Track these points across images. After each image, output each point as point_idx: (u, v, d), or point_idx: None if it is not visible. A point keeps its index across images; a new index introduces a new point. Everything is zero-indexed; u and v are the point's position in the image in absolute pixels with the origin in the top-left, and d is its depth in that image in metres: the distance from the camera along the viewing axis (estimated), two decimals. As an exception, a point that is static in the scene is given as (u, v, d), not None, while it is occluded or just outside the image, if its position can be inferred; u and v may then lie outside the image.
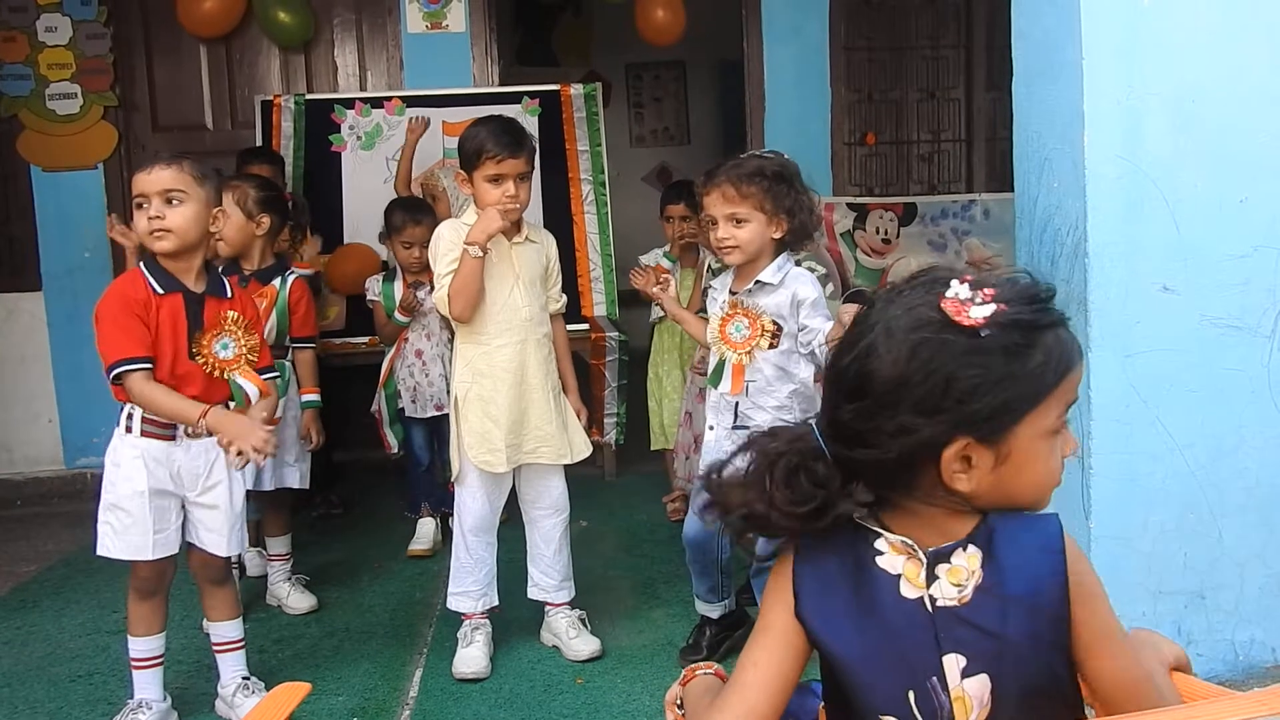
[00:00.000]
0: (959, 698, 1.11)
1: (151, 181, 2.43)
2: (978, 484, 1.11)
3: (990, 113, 5.50)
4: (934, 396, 1.08)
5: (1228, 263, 2.49)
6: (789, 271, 2.66)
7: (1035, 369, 1.08)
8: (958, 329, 1.08)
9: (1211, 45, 2.46)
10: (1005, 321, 1.07)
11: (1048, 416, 1.10)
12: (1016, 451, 1.10)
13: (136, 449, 2.49)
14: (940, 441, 1.09)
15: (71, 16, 5.04)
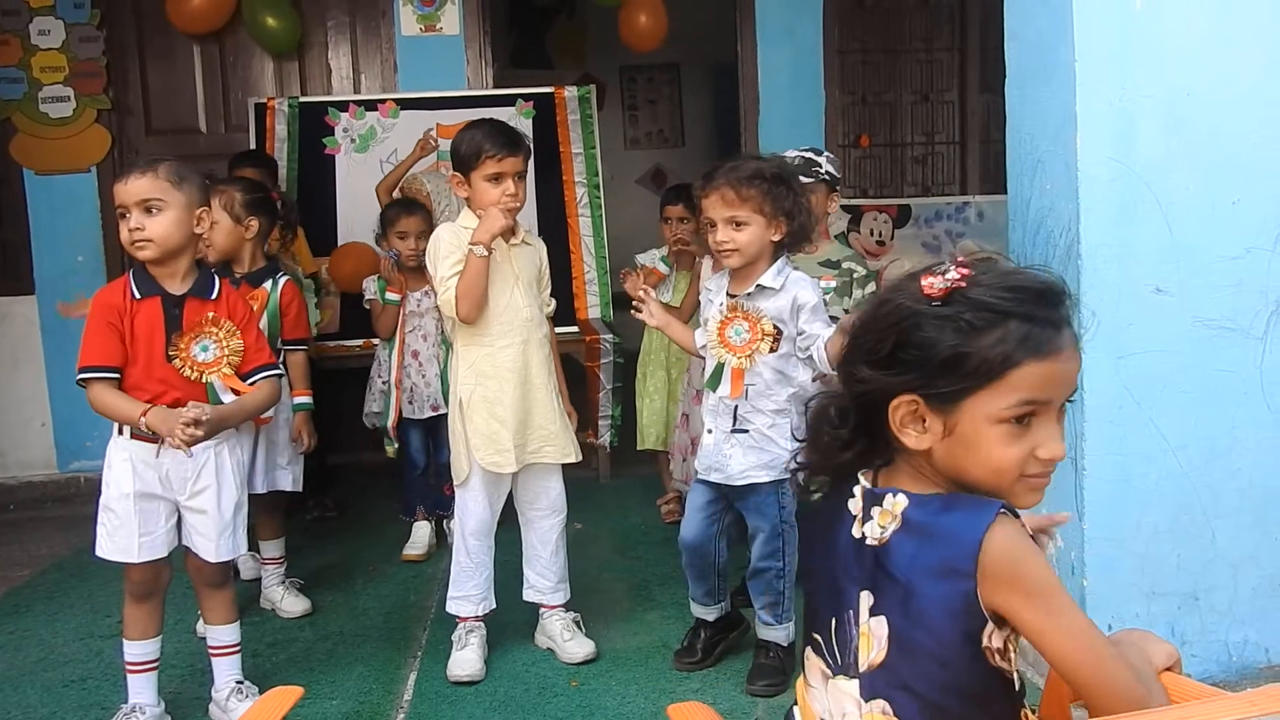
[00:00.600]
0: (864, 634, 1.22)
1: (129, 192, 2.43)
2: (928, 446, 1.20)
3: (984, 115, 5.51)
4: (885, 349, 1.20)
5: (1220, 264, 2.49)
6: (789, 275, 2.66)
7: (985, 350, 1.15)
8: (924, 297, 1.18)
9: (1203, 48, 2.47)
10: (969, 299, 1.16)
11: (995, 402, 1.15)
12: (964, 427, 1.17)
13: (125, 452, 2.49)
14: (889, 393, 1.20)
15: (64, 19, 5.04)
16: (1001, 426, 1.16)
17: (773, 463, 2.65)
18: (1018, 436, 1.17)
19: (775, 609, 2.74)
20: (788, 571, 2.73)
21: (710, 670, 2.86)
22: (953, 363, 1.15)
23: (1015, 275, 1.20)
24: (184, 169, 2.50)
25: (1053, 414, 1.19)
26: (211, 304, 2.54)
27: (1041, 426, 1.18)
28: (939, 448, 1.20)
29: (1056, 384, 1.17)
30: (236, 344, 2.55)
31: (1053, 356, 1.16)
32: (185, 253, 2.50)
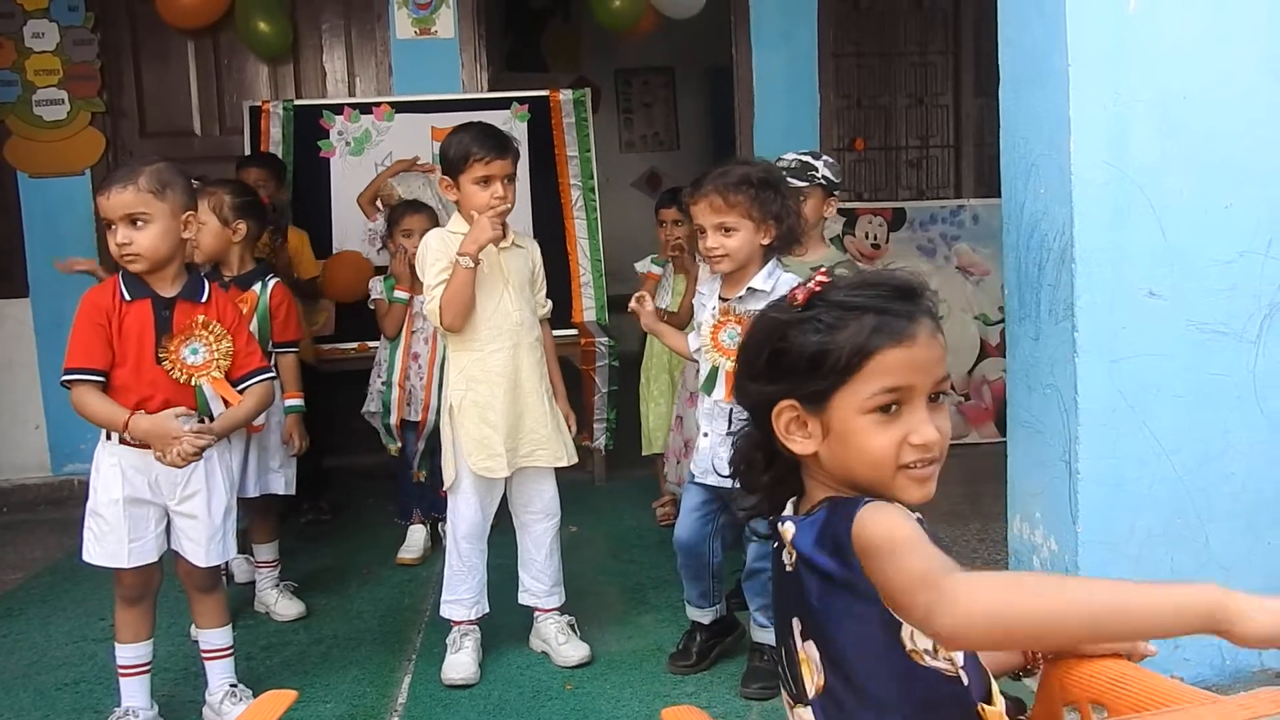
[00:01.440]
0: (804, 659, 1.25)
1: (112, 206, 2.40)
2: (814, 450, 1.23)
3: (978, 118, 5.52)
4: (761, 360, 1.26)
5: (1214, 268, 2.50)
6: (780, 277, 2.67)
7: (842, 343, 1.19)
8: (789, 306, 1.26)
9: (1197, 51, 2.48)
10: (827, 300, 1.23)
11: (859, 392, 1.19)
12: (836, 424, 1.21)
13: (115, 457, 2.48)
14: (769, 402, 1.25)
15: (59, 22, 5.04)
16: (869, 417, 1.19)
17: None
18: (887, 424, 1.20)
19: (768, 611, 2.74)
20: None
21: (705, 674, 2.85)
22: (816, 360, 1.20)
23: (870, 274, 1.28)
24: (166, 174, 2.46)
25: (921, 400, 1.21)
26: (201, 307, 2.52)
27: (910, 413, 1.20)
28: (823, 450, 1.23)
29: (917, 369, 1.20)
30: (226, 347, 2.53)
31: (907, 341, 1.19)
32: (175, 258, 2.49)
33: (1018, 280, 2.72)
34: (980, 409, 5.17)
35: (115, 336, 2.44)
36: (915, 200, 5.45)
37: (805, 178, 3.13)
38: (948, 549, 1.13)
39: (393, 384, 3.90)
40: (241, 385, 2.60)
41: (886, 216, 5.20)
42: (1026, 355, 2.70)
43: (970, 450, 5.03)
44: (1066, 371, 2.51)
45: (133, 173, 2.43)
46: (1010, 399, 2.82)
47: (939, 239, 5.20)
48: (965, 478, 4.66)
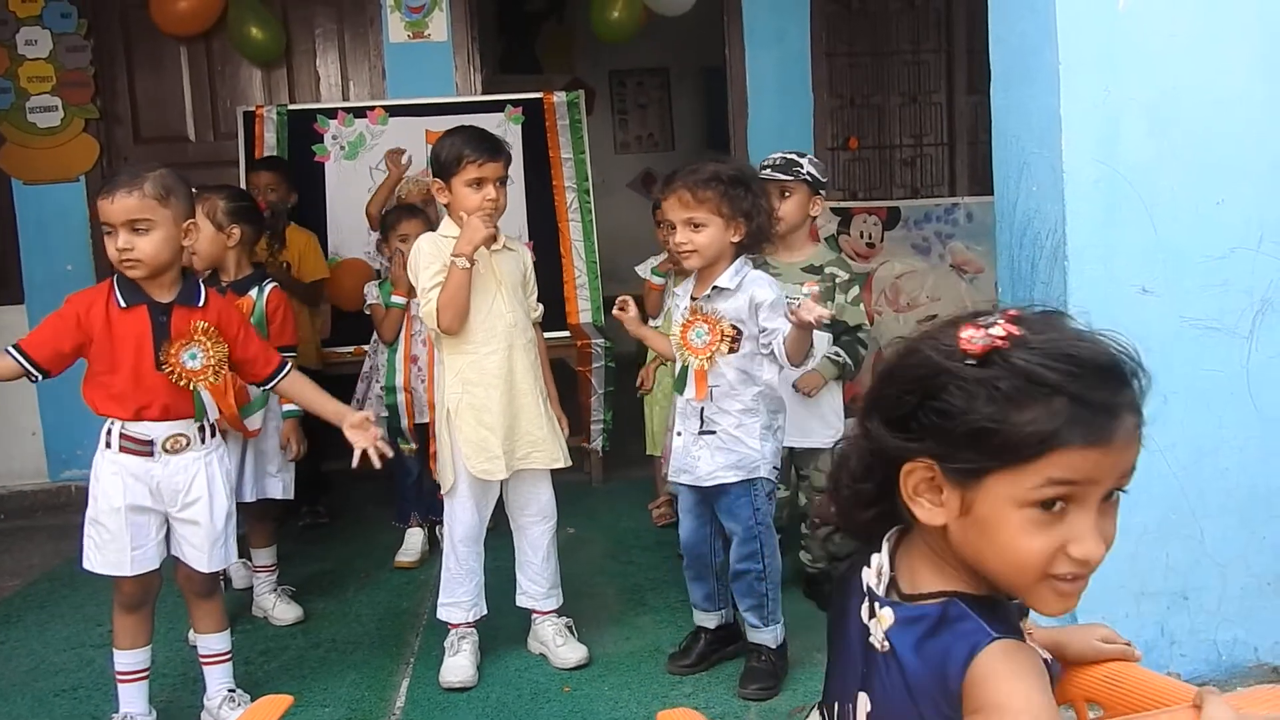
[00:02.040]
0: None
1: (115, 211, 2.38)
2: (942, 523, 1.04)
3: (972, 116, 5.53)
4: (905, 407, 1.04)
5: (1206, 264, 2.51)
6: (746, 275, 2.68)
7: (1017, 428, 0.97)
8: (959, 352, 1.01)
9: (1187, 49, 2.48)
10: (1010, 363, 0.99)
11: (1022, 484, 0.98)
12: (982, 507, 1.01)
13: (115, 465, 2.48)
14: (902, 455, 1.05)
15: (52, 29, 5.03)
16: (1026, 511, 0.99)
17: (741, 463, 2.67)
18: (1045, 525, 0.99)
19: (760, 611, 2.75)
20: (769, 573, 2.73)
21: (703, 675, 2.86)
22: (978, 435, 0.98)
23: (1074, 342, 1.01)
24: (169, 180, 2.45)
25: (1093, 502, 1.00)
26: (200, 312, 2.52)
27: (1077, 517, 1.00)
28: (955, 528, 1.04)
29: (1101, 474, 0.99)
30: (222, 352, 2.53)
31: (1102, 446, 0.98)
32: (174, 265, 2.49)
33: (1011, 278, 2.73)
34: (976, 406, 5.16)
35: (106, 343, 2.43)
36: (910, 199, 5.46)
37: (790, 173, 3.14)
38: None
39: (397, 388, 3.89)
40: (271, 382, 2.66)
41: (881, 215, 5.20)
42: (1020, 353, 2.70)
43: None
44: (1060, 369, 2.51)
45: (137, 178, 2.41)
46: (1005, 396, 2.82)
47: (933, 237, 5.20)
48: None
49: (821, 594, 3.29)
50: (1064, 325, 1.04)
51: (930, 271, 5.15)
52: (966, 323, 1.03)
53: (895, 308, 5.12)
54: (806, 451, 3.25)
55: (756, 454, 2.68)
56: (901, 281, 5.13)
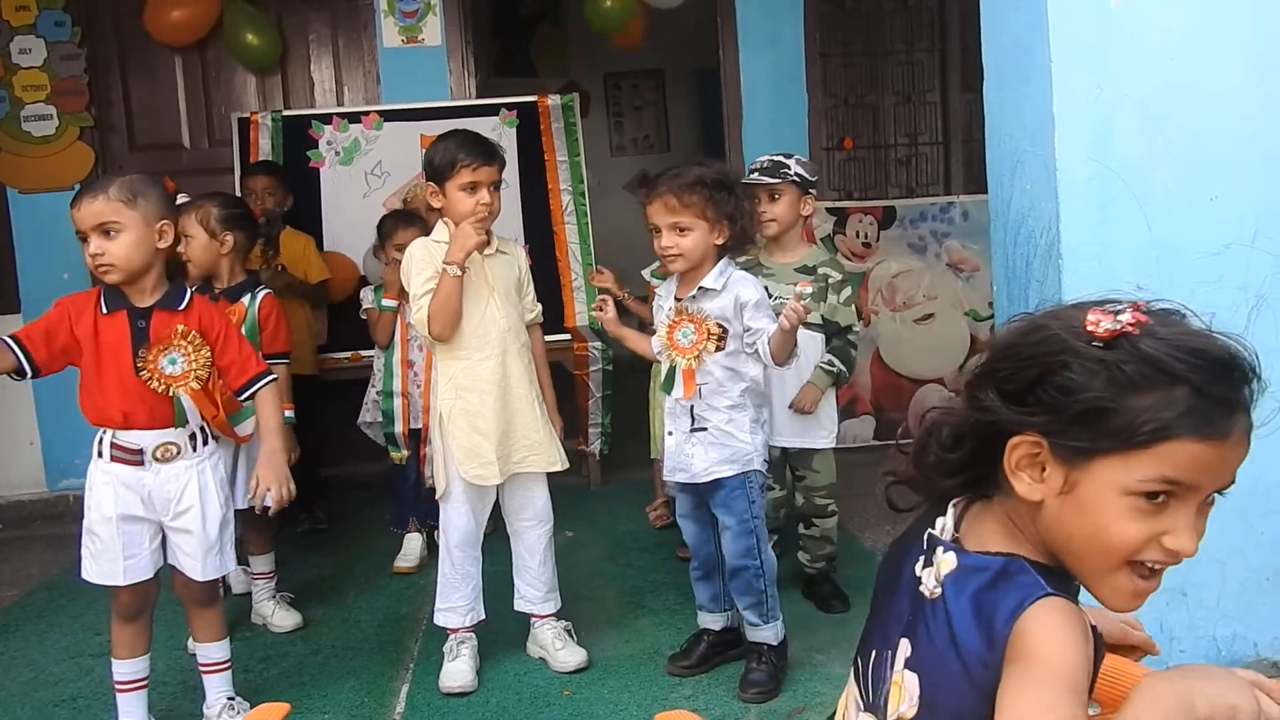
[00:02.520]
0: (897, 683, 1.11)
1: (82, 217, 2.38)
2: (1040, 498, 1.05)
3: (966, 115, 5.53)
4: (1023, 380, 1.05)
5: (1200, 260, 2.51)
6: (731, 275, 2.72)
7: (1134, 412, 0.99)
8: (1085, 333, 1.02)
9: (1179, 45, 2.48)
10: (1137, 349, 1.00)
11: (1129, 472, 1.00)
12: (1086, 488, 1.02)
13: (107, 474, 2.48)
14: (1015, 428, 1.05)
15: (46, 38, 5.03)
16: (1130, 499, 1.01)
17: (734, 457, 2.70)
18: (1147, 515, 1.01)
19: (759, 609, 2.75)
20: (766, 569, 2.74)
21: (703, 677, 2.85)
22: (1094, 415, 1.00)
23: (1199, 336, 1.03)
24: (139, 184, 2.43)
25: (1194, 502, 1.02)
26: (180, 315, 2.49)
27: (1178, 512, 1.02)
28: (1052, 503, 1.05)
29: (1210, 471, 1.01)
30: (205, 357, 2.50)
31: (1216, 441, 0.99)
32: (152, 268, 2.46)
33: (1006, 276, 2.73)
34: (972, 405, 5.16)
35: (93, 350, 2.43)
36: (905, 198, 5.46)
37: (777, 175, 3.15)
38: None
39: (393, 393, 3.89)
40: (247, 391, 2.60)
41: (877, 215, 5.20)
42: (1016, 351, 2.70)
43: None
44: (1056, 367, 2.51)
45: (104, 183, 2.42)
46: (1001, 395, 2.82)
47: (929, 236, 5.20)
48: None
49: (820, 594, 3.29)
50: (1187, 321, 1.06)
51: (926, 270, 5.16)
52: (1094, 308, 1.04)
53: (892, 307, 5.12)
54: (802, 452, 3.26)
55: (749, 447, 2.71)
56: (898, 281, 5.13)
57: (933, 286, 5.15)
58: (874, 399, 5.10)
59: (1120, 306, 1.04)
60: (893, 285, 5.12)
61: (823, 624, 3.13)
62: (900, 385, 5.13)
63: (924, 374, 5.13)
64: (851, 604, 3.25)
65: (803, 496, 3.31)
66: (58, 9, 5.03)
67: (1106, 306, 1.04)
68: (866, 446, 5.01)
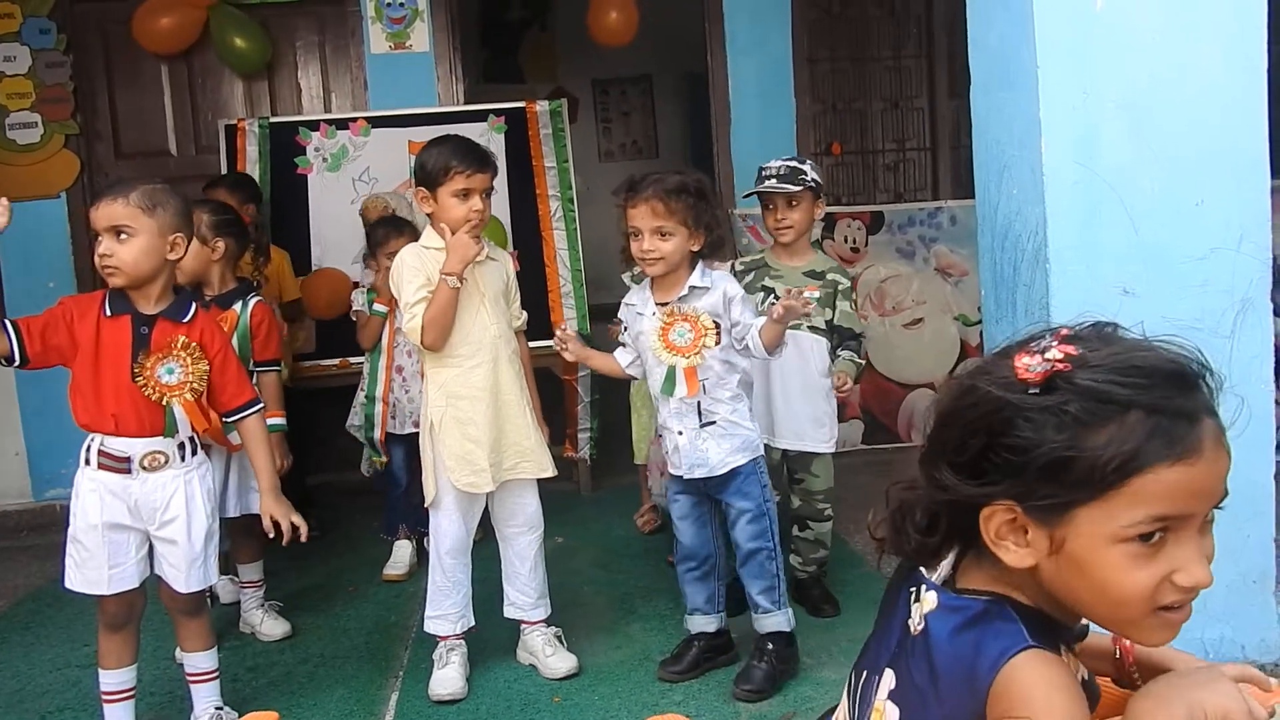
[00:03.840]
0: (879, 710, 1.08)
1: (99, 217, 2.41)
2: (1032, 563, 0.99)
3: (954, 121, 5.55)
4: (971, 449, 0.98)
5: (1186, 265, 2.52)
6: (713, 274, 2.79)
7: (1094, 453, 0.93)
8: (1018, 383, 0.96)
9: (1165, 49, 2.49)
10: (1075, 385, 0.94)
11: (1112, 519, 0.93)
12: (1074, 545, 0.96)
13: (94, 482, 2.46)
14: (977, 501, 0.99)
15: (30, 46, 5.01)
16: (1124, 546, 0.94)
17: (744, 445, 2.77)
18: (1147, 558, 0.94)
19: (772, 593, 2.77)
20: (777, 551, 2.79)
21: (694, 682, 2.85)
22: (1055, 468, 0.93)
23: (1136, 353, 0.97)
24: (160, 194, 2.46)
25: (1193, 528, 0.96)
26: (184, 327, 2.51)
27: (1179, 544, 0.95)
28: (1046, 566, 0.98)
29: (1197, 493, 0.94)
30: (202, 370, 2.51)
31: (1189, 457, 0.93)
32: (158, 278, 2.47)
33: (994, 281, 2.74)
34: (962, 409, 5.17)
35: (91, 351, 2.43)
36: (893, 203, 5.47)
37: (796, 182, 3.16)
38: None
39: (375, 398, 3.89)
40: (234, 417, 2.62)
41: (865, 220, 5.22)
42: (1004, 355, 2.71)
43: (954, 450, 5.03)
44: (1044, 370, 2.52)
45: (127, 186, 2.45)
46: (989, 399, 2.83)
47: (917, 241, 5.22)
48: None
49: (811, 598, 3.29)
50: (1119, 337, 1.00)
51: (915, 275, 5.17)
52: (1019, 351, 0.98)
53: (881, 312, 5.13)
54: (802, 455, 3.26)
55: (753, 433, 2.79)
56: (887, 285, 5.14)
57: (921, 291, 5.17)
58: (863, 403, 5.11)
59: (1045, 343, 0.97)
60: (881, 290, 5.13)
61: (813, 628, 3.13)
62: (889, 390, 5.14)
63: (913, 379, 5.15)
64: (841, 609, 3.25)
65: (800, 499, 3.31)
66: (43, 16, 5.01)
67: (1031, 345, 0.98)
68: (856, 450, 5.02)
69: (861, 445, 5.08)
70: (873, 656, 1.13)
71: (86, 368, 2.44)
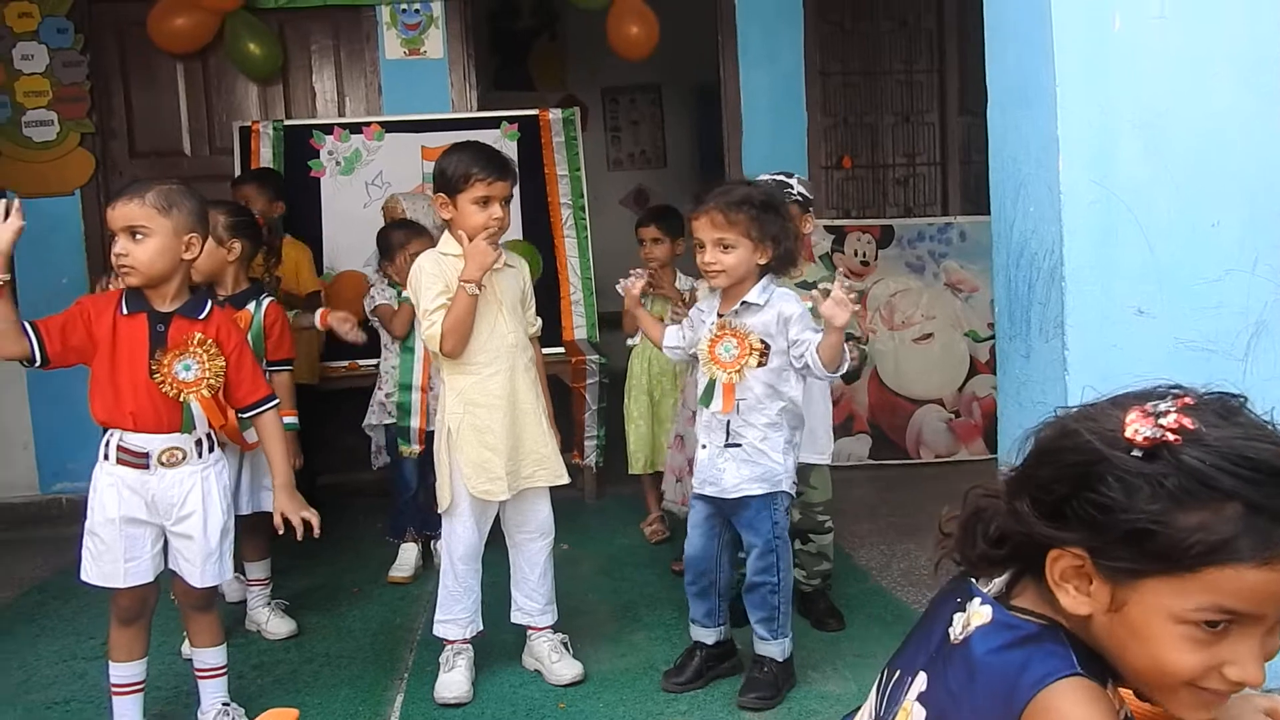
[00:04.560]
0: (906, 709, 1.09)
1: (115, 217, 2.43)
2: (1088, 613, 0.98)
3: (964, 136, 5.57)
4: (1056, 491, 0.97)
5: (1201, 286, 2.52)
6: (774, 292, 2.74)
7: (1180, 533, 0.90)
8: (1122, 441, 0.93)
9: (1181, 70, 2.50)
10: (1180, 461, 0.91)
11: (1181, 598, 0.91)
12: (1135, 610, 0.94)
13: (112, 476, 2.48)
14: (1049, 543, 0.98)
15: (48, 44, 5.05)
16: (1185, 627, 0.92)
17: (765, 476, 2.71)
18: (1203, 644, 0.92)
19: (770, 624, 2.76)
20: (782, 587, 2.76)
21: (698, 692, 2.85)
22: (1138, 536, 0.91)
23: (1255, 440, 0.91)
24: (177, 194, 2.47)
25: (1261, 628, 0.92)
26: (200, 324, 2.52)
27: (1241, 639, 0.92)
28: (1101, 619, 0.97)
29: (1275, 597, 0.91)
30: (219, 366, 2.53)
31: (1276, 563, 0.89)
32: (173, 277, 2.49)
33: (1008, 298, 2.75)
34: (970, 426, 5.19)
35: (109, 349, 2.45)
36: (903, 217, 5.49)
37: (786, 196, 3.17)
38: None
39: (412, 386, 3.84)
40: (250, 413, 2.63)
41: (874, 234, 5.23)
42: (1018, 373, 2.72)
43: (960, 467, 5.05)
44: (1057, 389, 2.53)
45: (144, 187, 2.46)
46: (1001, 417, 2.84)
47: (927, 256, 5.24)
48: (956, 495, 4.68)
49: (816, 611, 3.29)
50: (1242, 418, 0.95)
51: (925, 290, 5.19)
52: (1135, 405, 0.95)
53: (890, 326, 5.15)
54: (800, 468, 3.25)
55: (780, 468, 2.73)
56: (896, 300, 5.16)
57: (931, 306, 5.18)
58: (871, 418, 5.11)
59: (1164, 406, 0.94)
60: (891, 304, 5.14)
61: (817, 642, 3.13)
62: (898, 404, 5.15)
63: (922, 394, 5.15)
64: (846, 623, 3.26)
65: (800, 512, 3.32)
66: (60, 15, 5.04)
67: (1148, 406, 0.95)
68: (862, 465, 5.03)
69: (868, 460, 5.09)
70: (909, 656, 1.14)
71: (104, 365, 2.46)
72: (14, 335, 2.37)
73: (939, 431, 5.18)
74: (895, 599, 3.47)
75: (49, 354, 2.40)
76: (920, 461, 5.16)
